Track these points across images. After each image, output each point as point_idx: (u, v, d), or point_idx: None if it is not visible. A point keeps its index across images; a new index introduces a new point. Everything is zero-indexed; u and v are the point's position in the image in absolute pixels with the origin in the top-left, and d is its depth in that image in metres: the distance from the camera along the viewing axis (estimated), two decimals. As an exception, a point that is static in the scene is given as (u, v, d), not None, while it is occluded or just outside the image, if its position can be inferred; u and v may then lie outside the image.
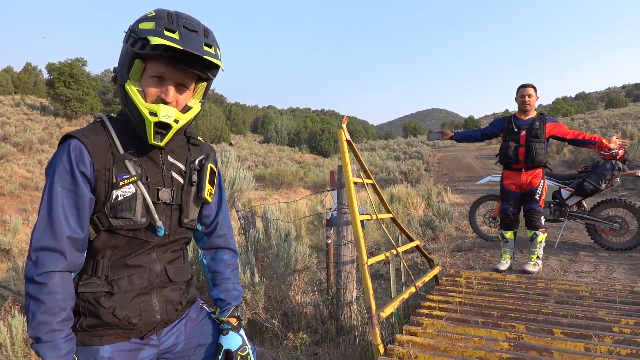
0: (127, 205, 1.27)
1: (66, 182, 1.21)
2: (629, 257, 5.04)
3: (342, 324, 3.39)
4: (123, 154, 1.28)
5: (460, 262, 5.31)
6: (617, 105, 62.01)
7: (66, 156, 1.22)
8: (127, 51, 1.24)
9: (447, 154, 31.92)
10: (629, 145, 4.37)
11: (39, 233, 1.18)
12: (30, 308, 1.15)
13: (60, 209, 1.19)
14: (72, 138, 1.24)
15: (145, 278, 1.34)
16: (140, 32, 1.20)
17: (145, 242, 1.33)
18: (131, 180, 1.27)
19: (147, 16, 1.23)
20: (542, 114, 4.41)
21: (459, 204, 11.33)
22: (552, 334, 2.70)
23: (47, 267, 1.16)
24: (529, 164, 4.32)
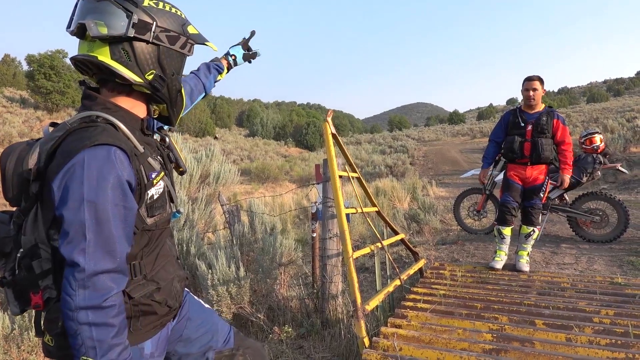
0: (161, 202, 1.26)
1: (115, 197, 1.09)
2: (609, 249, 5.14)
3: (327, 317, 3.39)
4: (143, 152, 1.22)
5: (444, 255, 5.35)
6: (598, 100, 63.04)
7: (109, 167, 1.08)
8: (183, 58, 1.30)
9: (432, 148, 32.14)
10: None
11: (94, 258, 1.06)
12: (96, 336, 1.06)
13: (114, 228, 1.09)
14: (109, 146, 1.10)
15: (174, 263, 1.39)
16: (195, 39, 1.30)
17: (164, 231, 1.35)
18: (161, 177, 1.26)
19: (184, 19, 1.29)
20: (551, 108, 4.24)
21: (443, 198, 11.43)
22: (534, 325, 2.74)
23: (112, 290, 1.09)
24: (534, 160, 4.14)
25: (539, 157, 4.10)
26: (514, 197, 4.20)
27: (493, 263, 4.19)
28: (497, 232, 4.31)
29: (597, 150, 5.72)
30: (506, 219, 4.22)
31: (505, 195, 4.25)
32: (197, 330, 1.53)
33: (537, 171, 4.19)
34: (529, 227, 4.20)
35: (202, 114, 47.60)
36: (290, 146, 49.53)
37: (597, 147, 5.72)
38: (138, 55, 1.19)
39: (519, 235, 4.29)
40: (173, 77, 1.27)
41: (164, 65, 1.23)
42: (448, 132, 47.04)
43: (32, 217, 1.17)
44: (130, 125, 1.23)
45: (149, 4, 1.20)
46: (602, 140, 5.78)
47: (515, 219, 4.28)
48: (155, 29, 1.19)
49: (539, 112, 4.17)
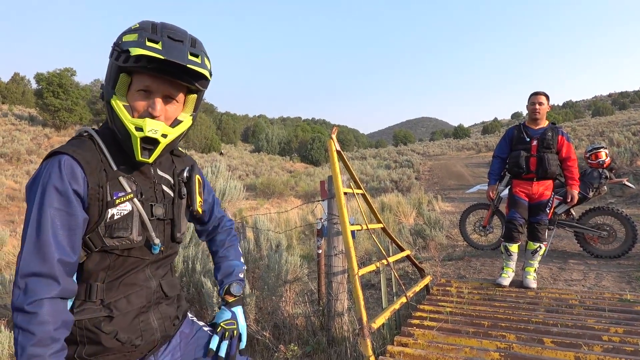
0: (123, 224, 1.21)
1: (57, 201, 1.11)
2: (617, 265, 5.09)
3: (333, 335, 3.37)
4: (116, 170, 1.22)
5: (451, 272, 5.32)
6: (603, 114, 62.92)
7: (56, 173, 1.12)
8: (112, 66, 1.19)
9: (437, 162, 32.10)
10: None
11: (27, 258, 1.08)
12: (20, 341, 1.04)
13: (50, 231, 1.10)
14: (62, 154, 1.15)
15: (143, 296, 1.30)
16: (123, 45, 1.15)
17: (140, 259, 1.28)
18: (127, 198, 1.22)
19: (130, 29, 1.19)
20: (554, 124, 4.26)
21: (449, 212, 11.38)
22: (543, 343, 2.71)
23: (38, 295, 1.06)
24: (541, 175, 4.14)
25: (546, 172, 4.09)
26: (521, 213, 4.18)
27: (500, 280, 4.15)
28: (504, 249, 4.28)
29: (603, 165, 5.70)
30: (513, 236, 4.19)
31: (512, 211, 4.23)
32: None
33: (543, 187, 4.18)
34: (536, 243, 4.18)
35: (208, 130, 47.95)
36: (296, 161, 49.64)
37: (602, 162, 5.71)
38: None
39: (526, 252, 4.26)
40: (103, 88, 1.24)
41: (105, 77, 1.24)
42: (453, 147, 47.00)
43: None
44: (116, 143, 1.25)
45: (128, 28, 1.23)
46: (607, 155, 5.76)
47: (522, 235, 4.25)
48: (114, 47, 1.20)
49: (543, 128, 4.19)
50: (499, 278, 4.19)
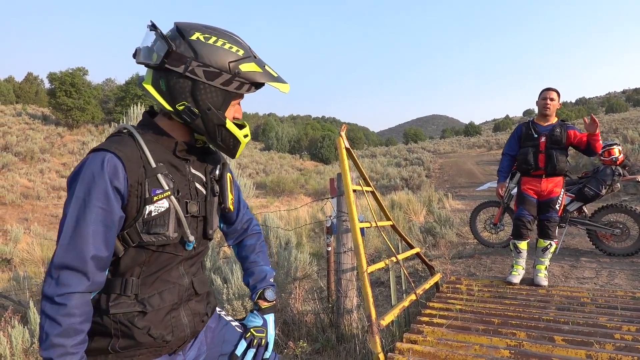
0: (160, 221, 1.23)
1: (97, 198, 1.14)
2: (631, 263, 5.03)
3: (342, 332, 3.38)
4: (155, 167, 1.24)
5: (461, 269, 5.29)
6: (617, 110, 62.04)
7: (99, 170, 1.14)
8: (228, 95, 1.26)
9: (448, 160, 31.91)
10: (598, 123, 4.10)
11: (63, 250, 1.12)
12: (45, 328, 1.09)
13: (89, 227, 1.13)
14: (105, 151, 1.17)
15: (175, 293, 1.32)
16: (251, 77, 1.25)
17: (174, 256, 1.31)
18: (165, 195, 1.24)
19: (237, 54, 1.25)
20: (564, 121, 4.21)
21: (460, 210, 11.32)
22: (553, 341, 2.69)
23: (68, 288, 1.10)
24: (549, 172, 4.10)
25: (554, 169, 4.06)
26: (529, 210, 4.15)
27: (510, 277, 4.12)
28: (513, 247, 4.25)
29: (616, 162, 5.63)
30: (521, 233, 4.17)
31: (520, 209, 4.20)
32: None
33: (552, 184, 4.14)
34: (546, 241, 4.14)
35: (218, 128, 48.14)
36: (306, 159, 49.69)
37: (616, 159, 5.63)
38: (171, 86, 1.22)
39: (536, 249, 4.23)
40: (210, 112, 1.25)
41: (197, 99, 1.23)
42: (464, 144, 46.68)
43: None
44: (158, 142, 1.28)
45: (197, 38, 1.22)
46: (620, 152, 5.68)
47: (532, 232, 4.21)
48: (191, 63, 1.20)
49: (552, 125, 4.16)
50: (509, 276, 4.16)
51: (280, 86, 1.29)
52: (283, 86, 1.29)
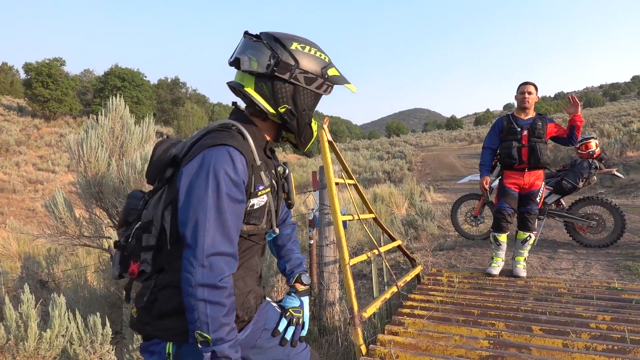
0: (259, 213, 1.36)
1: (231, 190, 1.24)
2: (606, 254, 5.15)
3: (324, 325, 3.39)
4: (259, 164, 1.36)
5: (442, 261, 5.35)
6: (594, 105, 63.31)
7: (229, 163, 1.25)
8: (319, 97, 1.43)
9: (429, 154, 32.18)
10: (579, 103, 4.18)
11: (212, 239, 1.20)
12: (210, 313, 1.18)
13: (229, 215, 1.23)
14: (228, 146, 1.27)
15: (254, 279, 1.47)
16: (335, 81, 1.43)
17: (255, 245, 1.44)
18: (266, 191, 1.37)
19: (325, 61, 1.43)
20: (542, 114, 4.27)
21: (441, 203, 11.44)
22: (531, 331, 2.74)
23: (225, 272, 1.21)
24: (533, 165, 4.16)
25: (537, 162, 4.11)
26: (510, 203, 4.20)
27: (490, 269, 4.18)
28: (493, 239, 4.31)
29: (592, 155, 5.74)
30: (501, 226, 4.22)
31: (501, 202, 4.25)
32: (270, 341, 1.53)
33: (534, 177, 4.21)
34: (525, 233, 4.22)
35: (200, 120, 47.64)
36: (288, 152, 49.54)
37: (592, 152, 5.74)
38: (276, 91, 1.36)
39: (516, 241, 4.30)
40: (304, 113, 1.41)
41: (297, 102, 1.39)
42: (445, 138, 47.12)
43: (157, 197, 1.37)
44: (256, 140, 1.40)
45: (296, 48, 1.37)
46: (597, 146, 5.79)
47: (511, 225, 4.27)
48: (295, 70, 1.35)
49: (532, 118, 4.21)
50: (489, 267, 4.22)
51: (352, 87, 1.49)
52: (353, 87, 1.49)
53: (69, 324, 2.97)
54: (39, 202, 17.56)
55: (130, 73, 44.16)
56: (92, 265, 5.80)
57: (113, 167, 4.86)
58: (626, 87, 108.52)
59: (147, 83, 47.01)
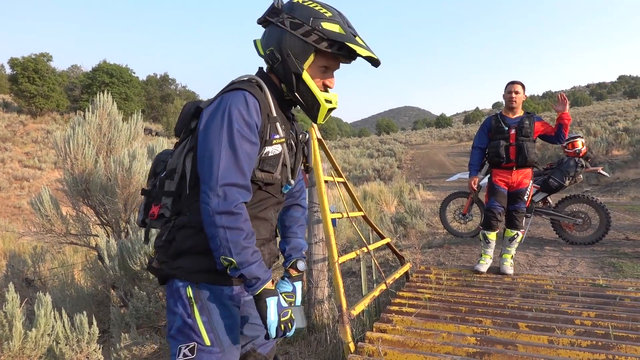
0: (273, 161, 1.42)
1: (243, 129, 1.31)
2: (591, 251, 5.22)
3: (313, 322, 3.39)
4: (275, 116, 1.42)
5: (430, 259, 5.39)
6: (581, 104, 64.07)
7: (243, 104, 1.32)
8: (306, 46, 1.38)
9: (419, 151, 32.34)
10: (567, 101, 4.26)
11: (225, 171, 1.28)
12: (230, 238, 1.26)
13: (240, 150, 1.30)
14: (244, 90, 1.35)
15: (268, 230, 1.52)
16: (328, 34, 1.37)
17: (271, 197, 1.49)
18: (280, 141, 1.43)
19: (324, 15, 1.39)
20: (530, 113, 4.30)
21: (430, 201, 11.51)
22: (517, 327, 2.77)
23: (239, 200, 1.28)
24: (520, 163, 4.20)
25: (525, 160, 4.15)
26: (500, 202, 4.23)
27: (478, 266, 4.22)
28: (483, 237, 4.34)
29: (579, 154, 5.82)
30: (491, 224, 4.25)
31: (491, 200, 4.28)
32: (256, 319, 1.56)
33: (522, 175, 4.24)
34: (513, 231, 4.26)
35: (189, 117, 47.35)
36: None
37: (579, 151, 5.82)
38: (267, 35, 1.44)
39: (503, 239, 4.34)
40: (288, 58, 1.39)
41: (281, 45, 1.39)
42: (435, 136, 47.38)
43: (181, 147, 1.46)
44: (274, 94, 1.46)
45: (297, 1, 1.42)
46: (583, 144, 5.87)
47: (501, 223, 4.31)
48: (284, 15, 1.39)
49: (520, 117, 4.24)
50: (477, 265, 4.26)
51: (360, 50, 1.38)
52: (363, 51, 1.39)
53: (55, 323, 2.94)
54: (25, 200, 17.33)
55: (119, 69, 43.70)
56: (80, 263, 5.75)
57: (100, 164, 4.82)
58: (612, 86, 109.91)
59: (135, 79, 46.55)
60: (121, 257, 4.04)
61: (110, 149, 5.25)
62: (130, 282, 4.13)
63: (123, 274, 4.13)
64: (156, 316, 3.80)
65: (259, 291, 1.33)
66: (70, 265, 5.65)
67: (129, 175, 4.66)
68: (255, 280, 1.31)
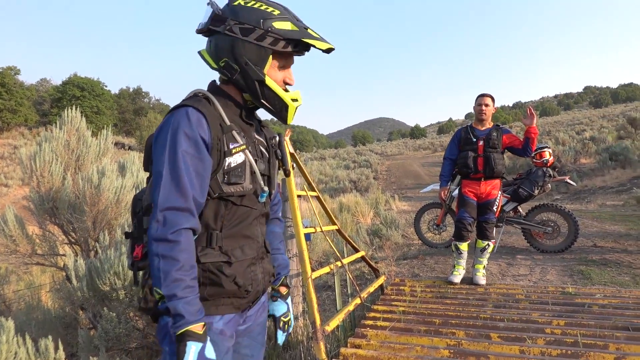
0: (238, 171, 1.35)
1: (187, 145, 1.24)
2: (561, 259, 5.34)
3: (288, 339, 3.35)
4: (230, 124, 1.35)
5: (405, 270, 5.41)
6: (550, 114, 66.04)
7: (185, 121, 1.25)
8: (263, 50, 1.34)
9: (395, 162, 32.68)
10: (536, 115, 4.37)
11: (165, 194, 1.20)
12: (162, 267, 1.17)
13: (184, 171, 1.22)
14: (186, 106, 1.28)
15: (254, 248, 1.43)
16: (283, 34, 1.33)
17: (250, 210, 1.41)
18: (241, 149, 1.36)
19: (273, 14, 1.34)
20: (498, 125, 4.39)
21: (406, 212, 11.61)
22: (490, 338, 2.80)
23: (178, 225, 1.19)
24: (488, 174, 4.27)
25: (492, 172, 4.23)
26: (470, 213, 4.30)
27: (451, 277, 4.26)
28: (455, 248, 4.39)
29: (547, 164, 5.97)
30: (462, 235, 4.31)
31: (461, 211, 4.34)
32: (246, 348, 1.53)
33: (490, 186, 4.32)
34: (484, 241, 4.32)
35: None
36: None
37: (546, 161, 5.97)
38: (216, 45, 1.36)
39: (475, 249, 4.40)
40: (247, 66, 1.34)
41: (235, 55, 1.34)
42: (410, 146, 48.01)
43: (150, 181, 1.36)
44: (227, 106, 1.40)
45: (238, 3, 1.35)
46: (551, 154, 6.04)
47: (472, 234, 4.37)
48: (229, 22, 1.32)
49: (489, 129, 4.33)
50: (450, 276, 4.30)
51: (318, 43, 1.36)
52: (321, 44, 1.36)
53: (18, 349, 2.83)
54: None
55: (90, 82, 42.95)
56: (47, 284, 5.56)
57: (68, 182, 4.70)
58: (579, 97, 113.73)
59: (107, 93, 45.81)
60: (90, 277, 3.92)
61: (78, 165, 5.12)
62: (99, 303, 4.01)
63: (92, 294, 4.00)
64: (126, 338, 3.69)
65: (181, 331, 1.17)
66: (37, 287, 5.45)
67: (98, 192, 4.55)
68: (178, 317, 1.17)
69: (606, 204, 11.18)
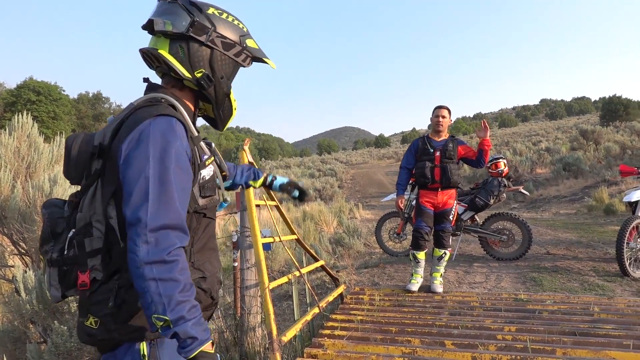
0: (211, 184, 1.33)
1: (176, 159, 1.16)
2: (516, 267, 5.52)
3: (246, 351, 3.31)
4: (198, 135, 1.32)
5: (365, 279, 5.46)
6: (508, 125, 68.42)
7: (172, 133, 1.18)
8: (236, 66, 1.38)
9: (359, 171, 32.98)
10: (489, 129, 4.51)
11: (156, 211, 1.10)
12: (163, 292, 1.07)
13: (173, 187, 1.14)
14: (170, 116, 1.20)
15: (217, 260, 1.44)
16: (254, 52, 1.40)
17: (212, 221, 1.39)
18: (211, 160, 1.35)
19: (244, 31, 1.40)
20: (454, 136, 4.52)
21: (369, 220, 11.72)
22: (444, 345, 2.85)
23: (173, 245, 1.10)
24: (445, 184, 4.36)
25: (449, 182, 4.34)
26: (427, 222, 4.38)
27: (409, 286, 4.33)
28: (412, 257, 4.46)
29: (502, 174, 6.18)
30: (419, 244, 4.39)
31: (418, 220, 4.42)
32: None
33: (447, 196, 4.42)
34: (441, 250, 4.41)
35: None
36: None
37: (502, 172, 6.18)
38: (192, 53, 1.30)
39: (432, 258, 4.48)
40: (222, 80, 1.35)
41: (214, 67, 1.33)
42: (374, 155, 48.64)
43: (90, 195, 1.22)
44: (187, 115, 1.33)
45: (213, 12, 1.34)
46: (506, 165, 6.25)
47: (429, 242, 4.46)
48: (212, 33, 1.31)
49: (445, 140, 4.45)
50: (408, 284, 4.36)
51: (271, 63, 1.47)
52: (272, 63, 1.48)
53: (-43, 368, 2.68)
54: None
55: (47, 86, 41.47)
56: (-6, 297, 5.28)
57: (18, 190, 4.51)
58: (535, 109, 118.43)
59: (65, 97, 44.32)
60: (40, 289, 3.77)
61: (29, 173, 4.93)
62: (49, 317, 3.85)
63: (42, 307, 3.84)
64: (78, 352, 3.55)
65: (194, 354, 1.11)
66: (-18, 300, 5.17)
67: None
68: (191, 340, 1.10)
69: (560, 212, 11.66)
